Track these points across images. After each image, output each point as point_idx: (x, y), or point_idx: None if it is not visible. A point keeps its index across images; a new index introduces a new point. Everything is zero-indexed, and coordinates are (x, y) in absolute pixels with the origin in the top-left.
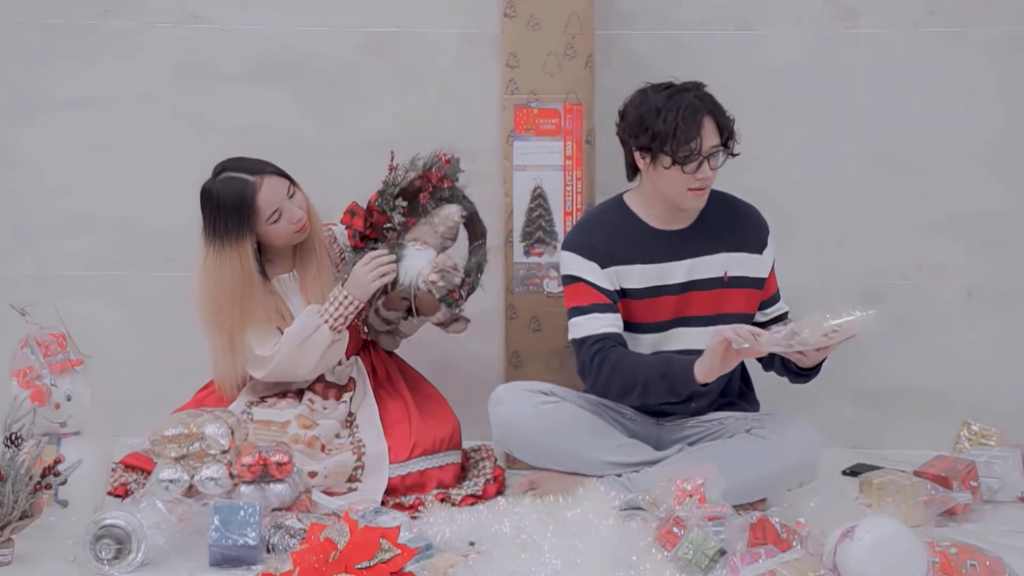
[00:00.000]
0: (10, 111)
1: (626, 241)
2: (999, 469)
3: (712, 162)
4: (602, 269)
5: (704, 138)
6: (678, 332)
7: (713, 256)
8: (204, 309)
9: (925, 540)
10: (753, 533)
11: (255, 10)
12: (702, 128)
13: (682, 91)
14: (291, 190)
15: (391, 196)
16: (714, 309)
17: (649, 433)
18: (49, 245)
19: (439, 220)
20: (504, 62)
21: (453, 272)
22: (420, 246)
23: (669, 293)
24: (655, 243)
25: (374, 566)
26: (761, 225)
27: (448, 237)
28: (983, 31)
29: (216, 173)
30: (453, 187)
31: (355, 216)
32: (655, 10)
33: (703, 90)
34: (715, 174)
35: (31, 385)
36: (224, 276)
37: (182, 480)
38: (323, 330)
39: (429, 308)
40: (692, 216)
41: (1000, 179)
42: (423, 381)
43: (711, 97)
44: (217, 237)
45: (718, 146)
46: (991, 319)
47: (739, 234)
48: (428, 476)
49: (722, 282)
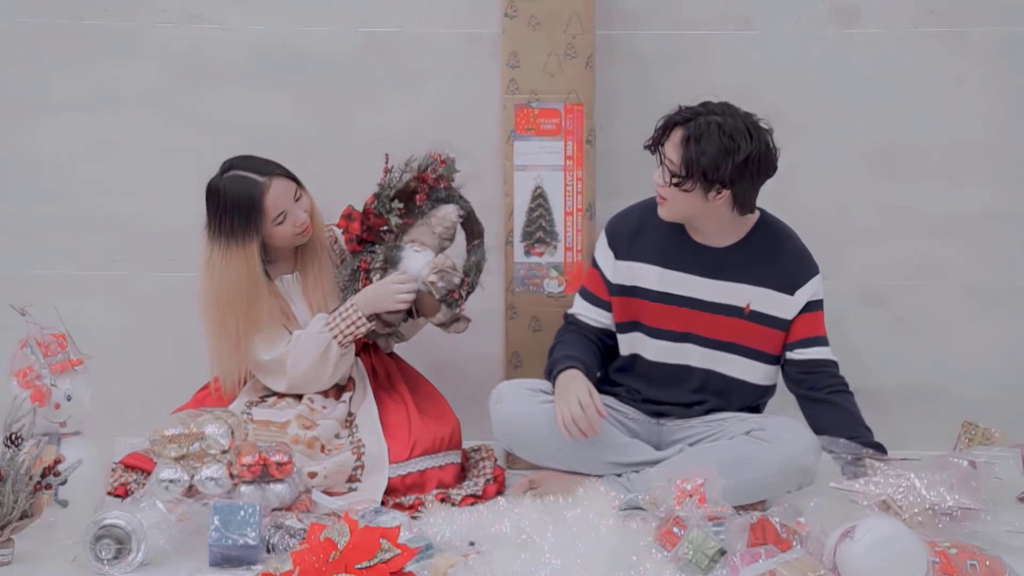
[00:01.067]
0: (10, 111)
1: (652, 240)
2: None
3: (666, 174)
4: (615, 259)
5: (665, 143)
6: (688, 348)
7: (737, 284)
8: (209, 308)
9: (925, 540)
10: (753, 533)
11: (255, 10)
12: (669, 136)
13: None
14: (298, 192)
15: (387, 199)
16: (728, 336)
17: (649, 433)
18: (49, 245)
19: (436, 221)
20: (505, 62)
21: (452, 272)
22: (418, 247)
23: (680, 305)
24: (682, 251)
25: (374, 566)
26: (804, 268)
27: (446, 237)
28: (983, 31)
29: (224, 170)
30: (449, 187)
31: (351, 220)
32: (656, 10)
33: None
34: (669, 191)
35: (31, 385)
36: (230, 276)
37: (182, 480)
38: (333, 345)
39: (429, 309)
40: (731, 238)
41: (1000, 179)
42: (423, 381)
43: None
44: (223, 236)
45: (671, 163)
46: (991, 319)
47: (773, 270)
48: (428, 476)
49: (742, 313)
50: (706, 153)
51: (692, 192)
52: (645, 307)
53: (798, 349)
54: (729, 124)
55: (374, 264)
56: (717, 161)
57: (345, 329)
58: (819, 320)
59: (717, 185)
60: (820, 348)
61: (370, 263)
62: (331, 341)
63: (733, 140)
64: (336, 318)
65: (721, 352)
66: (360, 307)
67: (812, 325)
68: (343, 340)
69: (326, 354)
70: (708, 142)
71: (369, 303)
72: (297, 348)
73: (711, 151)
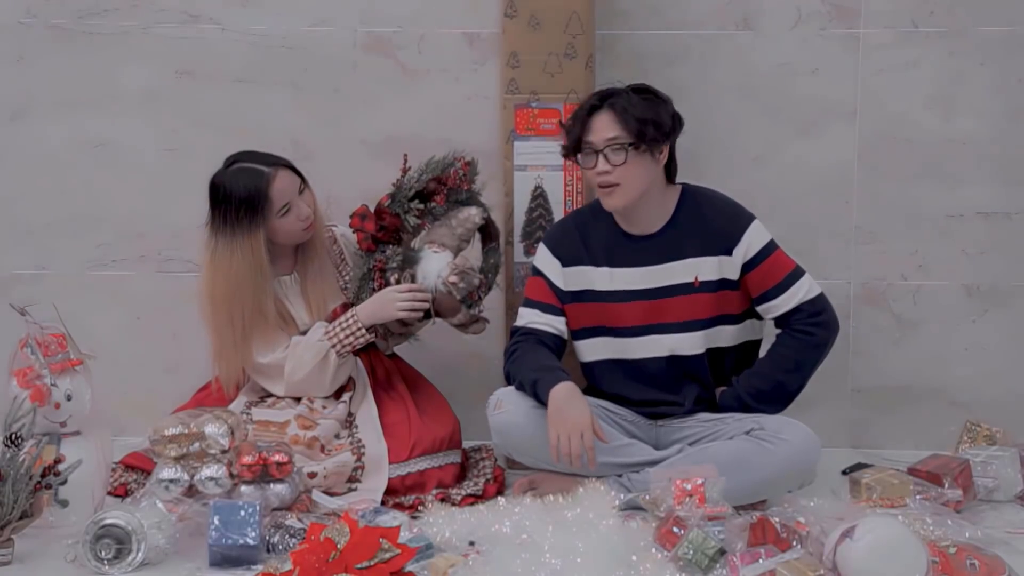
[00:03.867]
0: (10, 111)
1: (596, 243)
2: (996, 469)
3: (611, 157)
4: (563, 267)
5: (594, 131)
6: (656, 338)
7: (682, 261)
8: (214, 304)
9: (926, 540)
10: (753, 533)
11: (255, 10)
12: (590, 122)
13: (597, 92)
14: (301, 186)
15: (405, 199)
16: (690, 315)
17: (648, 434)
18: (49, 245)
19: (458, 222)
20: (505, 62)
21: (472, 273)
22: (437, 248)
23: (638, 298)
24: (624, 247)
25: (374, 566)
26: (734, 225)
27: (465, 239)
28: (983, 31)
29: (227, 164)
30: (471, 189)
31: (366, 219)
32: (655, 10)
33: (623, 89)
34: (624, 171)
35: (31, 385)
36: (235, 266)
37: (182, 480)
38: (331, 355)
39: (449, 310)
40: (661, 220)
41: (1000, 179)
42: (423, 381)
43: (625, 96)
44: (228, 227)
45: (615, 140)
46: (991, 319)
47: (707, 235)
48: (428, 476)
49: (693, 287)
50: (642, 108)
51: (645, 155)
52: (603, 309)
53: (762, 305)
54: (630, 89)
55: (391, 264)
56: (656, 110)
57: (344, 339)
58: (771, 267)
59: (664, 137)
60: (781, 297)
61: (386, 263)
62: (329, 350)
63: (649, 92)
64: (336, 327)
65: (687, 333)
66: (361, 318)
67: (765, 275)
68: (341, 350)
69: (324, 363)
70: (637, 103)
71: (370, 314)
72: (295, 355)
73: (644, 105)
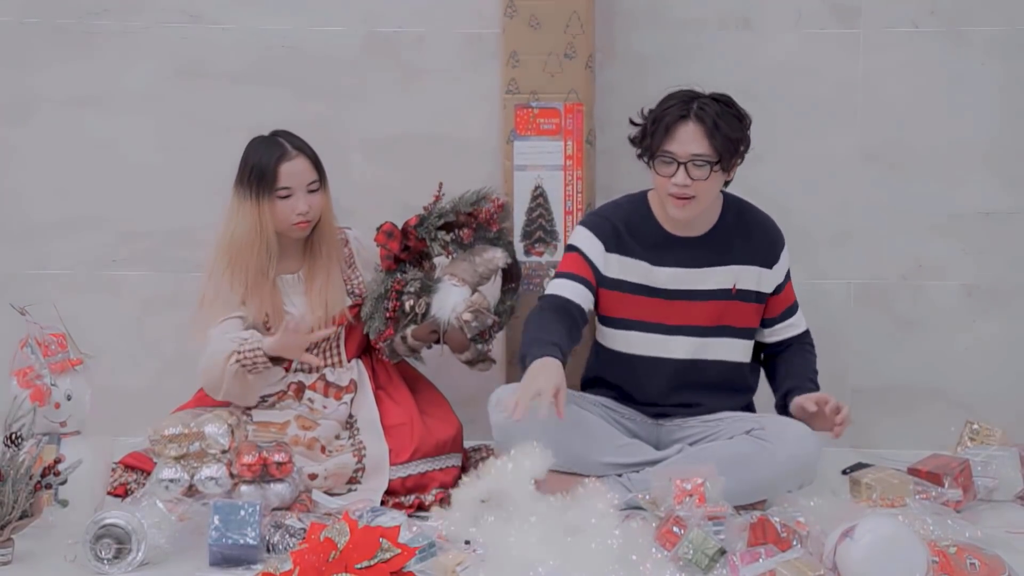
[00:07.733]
0: (10, 111)
1: (640, 238)
2: (996, 469)
3: (693, 171)
4: (606, 251)
5: (679, 142)
6: (678, 340)
7: (723, 268)
8: (219, 249)
9: (926, 540)
10: (753, 533)
11: (255, 10)
12: (676, 131)
13: (681, 96)
14: (315, 184)
15: (433, 226)
16: (716, 320)
17: (649, 434)
18: (49, 245)
19: (481, 261)
20: (505, 62)
21: (486, 314)
22: (457, 282)
23: (674, 298)
24: (668, 246)
25: (374, 566)
26: (776, 239)
27: (486, 278)
28: (983, 31)
29: (271, 134)
30: (500, 231)
31: (391, 238)
32: (655, 9)
33: (709, 99)
34: (702, 186)
35: (31, 385)
36: (243, 225)
37: (182, 480)
38: (233, 357)
39: (458, 345)
40: (707, 224)
41: (1000, 179)
42: (425, 382)
43: (714, 108)
44: (243, 188)
45: (701, 156)
46: (991, 319)
47: (750, 245)
48: (430, 478)
49: (729, 294)
50: (730, 127)
51: (722, 172)
52: (637, 302)
53: (783, 323)
54: (713, 98)
55: (408, 288)
56: (743, 130)
57: (247, 353)
58: (790, 288)
59: (742, 157)
60: (795, 316)
61: (404, 286)
62: (233, 352)
63: (733, 107)
64: (249, 339)
65: (708, 338)
66: (264, 347)
67: (788, 294)
68: (241, 359)
69: (224, 362)
70: (726, 120)
71: (275, 347)
72: (215, 338)
73: (732, 124)
